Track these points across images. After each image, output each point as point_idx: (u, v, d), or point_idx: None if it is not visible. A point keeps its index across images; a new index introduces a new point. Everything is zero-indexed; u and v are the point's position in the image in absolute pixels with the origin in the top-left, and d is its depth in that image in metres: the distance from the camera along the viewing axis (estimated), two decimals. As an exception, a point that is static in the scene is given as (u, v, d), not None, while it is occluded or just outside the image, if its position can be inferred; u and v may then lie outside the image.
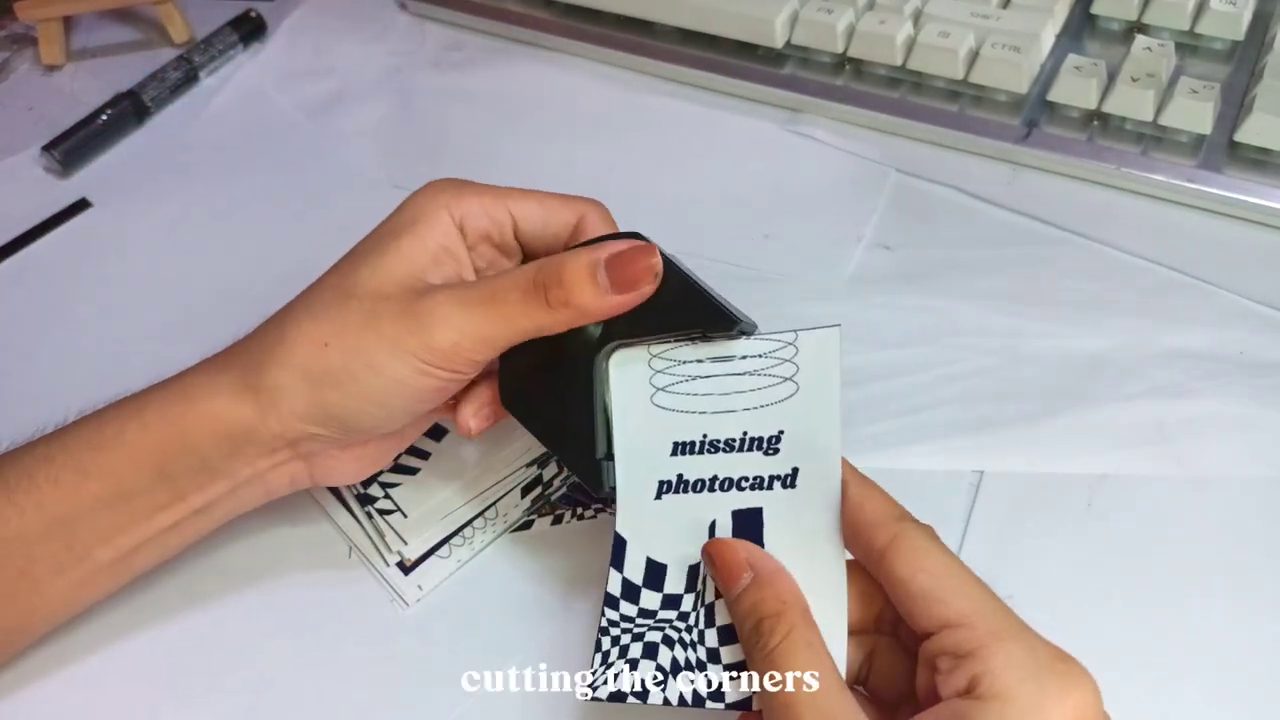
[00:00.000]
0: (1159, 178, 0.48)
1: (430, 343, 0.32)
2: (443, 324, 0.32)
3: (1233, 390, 0.42)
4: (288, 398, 0.33)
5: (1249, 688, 0.35)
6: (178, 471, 0.34)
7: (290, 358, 0.33)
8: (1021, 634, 0.27)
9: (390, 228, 0.35)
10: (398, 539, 0.39)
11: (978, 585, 0.28)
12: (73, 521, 0.34)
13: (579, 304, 0.32)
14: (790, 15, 0.55)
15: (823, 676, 0.27)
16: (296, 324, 0.34)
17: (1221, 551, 0.38)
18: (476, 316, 0.32)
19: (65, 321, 0.51)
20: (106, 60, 0.65)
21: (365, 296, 0.33)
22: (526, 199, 0.36)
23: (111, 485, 0.34)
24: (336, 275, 0.35)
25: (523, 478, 0.41)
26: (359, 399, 0.33)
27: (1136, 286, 0.46)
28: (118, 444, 0.34)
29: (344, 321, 0.33)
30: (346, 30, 0.65)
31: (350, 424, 0.34)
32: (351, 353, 0.33)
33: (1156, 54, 0.51)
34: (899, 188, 0.52)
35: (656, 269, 0.32)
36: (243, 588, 0.40)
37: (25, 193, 0.57)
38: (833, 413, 0.32)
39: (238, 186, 0.56)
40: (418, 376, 0.33)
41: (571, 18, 0.60)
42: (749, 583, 0.30)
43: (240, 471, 0.35)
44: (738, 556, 0.30)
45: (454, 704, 0.36)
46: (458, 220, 0.35)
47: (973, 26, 0.52)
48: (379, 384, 0.33)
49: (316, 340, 0.33)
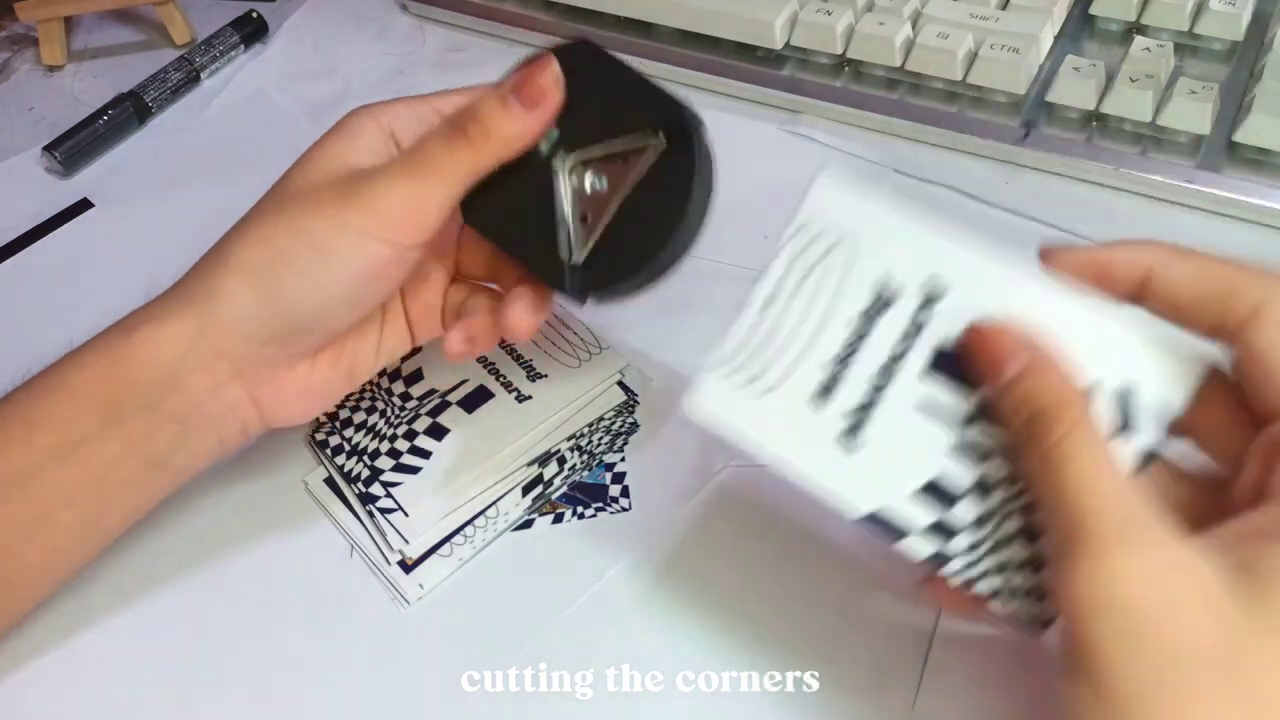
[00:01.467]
0: (1158, 178, 0.48)
1: (369, 210, 0.33)
2: (379, 193, 0.33)
3: (1231, 390, 0.42)
4: (228, 302, 0.33)
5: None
6: (124, 412, 0.33)
7: (231, 261, 0.33)
8: None
9: (320, 140, 0.36)
10: (399, 537, 0.40)
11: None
12: (27, 479, 0.33)
13: (499, 132, 0.33)
14: (790, 17, 0.55)
15: (1118, 469, 0.24)
16: (237, 233, 0.34)
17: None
18: (411, 177, 0.33)
19: (65, 321, 0.51)
20: (107, 61, 0.65)
21: (302, 192, 0.34)
22: (449, 95, 0.37)
23: (59, 433, 0.33)
24: (273, 189, 0.35)
25: (523, 477, 0.41)
26: (302, 284, 0.33)
27: (1135, 287, 0.46)
28: (59, 389, 0.34)
29: (285, 215, 0.33)
30: (347, 31, 0.65)
31: (293, 316, 0.34)
32: (294, 237, 0.33)
33: (1155, 55, 0.51)
34: (898, 188, 0.52)
35: (556, 74, 0.34)
36: (243, 586, 0.40)
37: (26, 193, 0.57)
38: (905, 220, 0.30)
39: (238, 187, 0.55)
40: (363, 249, 0.33)
41: (571, 18, 0.60)
42: (1023, 367, 0.26)
43: (183, 407, 0.34)
44: (1005, 337, 0.26)
45: (454, 703, 0.36)
46: (385, 127, 0.36)
47: (971, 28, 0.52)
48: (325, 264, 0.33)
49: (257, 240, 0.33)
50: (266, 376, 0.35)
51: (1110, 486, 0.24)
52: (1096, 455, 0.24)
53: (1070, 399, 0.25)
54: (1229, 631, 0.22)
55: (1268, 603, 0.22)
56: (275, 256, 0.33)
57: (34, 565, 0.35)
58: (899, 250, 0.30)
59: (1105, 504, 0.23)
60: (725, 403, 0.31)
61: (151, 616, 0.39)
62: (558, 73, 0.34)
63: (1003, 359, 0.26)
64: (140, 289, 0.51)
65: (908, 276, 0.30)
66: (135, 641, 0.39)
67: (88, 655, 0.38)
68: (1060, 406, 0.25)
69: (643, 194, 0.35)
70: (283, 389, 0.36)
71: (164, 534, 0.40)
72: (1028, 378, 0.26)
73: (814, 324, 0.31)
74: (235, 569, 0.40)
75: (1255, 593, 0.22)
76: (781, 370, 0.31)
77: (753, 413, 0.31)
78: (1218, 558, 0.23)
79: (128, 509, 0.36)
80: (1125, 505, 0.23)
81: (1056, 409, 0.25)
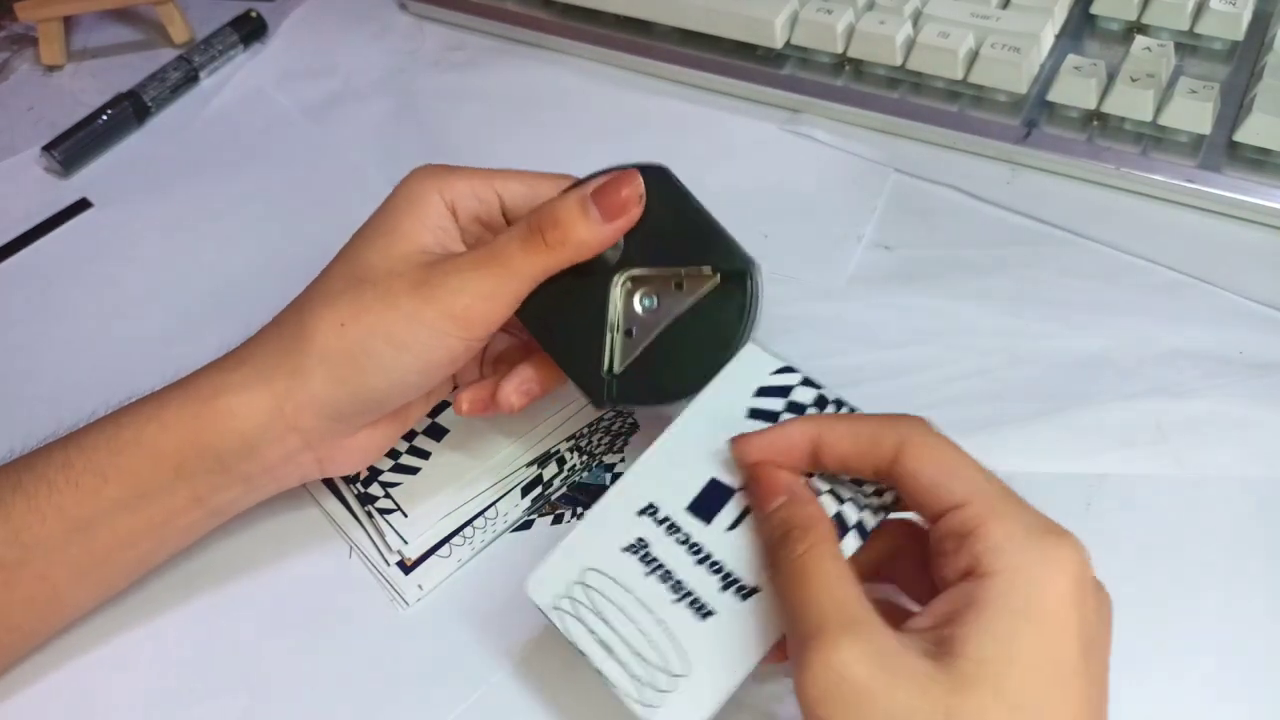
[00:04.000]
0: (1158, 178, 0.48)
1: (445, 309, 0.34)
2: (454, 289, 0.34)
3: (1232, 390, 0.42)
4: (305, 385, 0.34)
5: (1249, 687, 0.35)
6: (195, 472, 0.35)
7: (309, 345, 0.34)
8: (1015, 510, 0.28)
9: (387, 213, 0.36)
10: (398, 538, 0.39)
11: (976, 469, 0.29)
12: (92, 525, 0.34)
13: (576, 238, 0.34)
14: (790, 15, 0.55)
15: (851, 580, 0.28)
16: (313, 312, 0.35)
17: (1220, 551, 0.38)
18: (485, 275, 0.34)
19: (65, 321, 0.51)
20: (107, 60, 0.65)
21: (377, 278, 0.34)
22: (511, 178, 0.37)
23: (130, 488, 0.34)
24: (344, 264, 0.36)
25: (523, 477, 0.41)
26: (378, 374, 0.34)
27: (1136, 286, 0.46)
28: (136, 446, 0.35)
29: (360, 303, 0.34)
30: (347, 30, 0.65)
31: (366, 403, 0.35)
32: (370, 329, 0.34)
33: (1156, 54, 0.51)
34: (899, 188, 0.52)
35: (640, 192, 0.35)
36: (243, 587, 0.40)
37: (25, 193, 0.57)
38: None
39: (238, 186, 0.56)
40: (437, 344, 0.34)
41: (571, 18, 0.60)
42: (785, 501, 0.31)
43: (255, 470, 0.35)
44: (779, 478, 0.32)
45: (454, 704, 0.36)
46: (449, 203, 0.37)
47: (972, 27, 0.52)
48: (399, 356, 0.34)
49: (334, 323, 0.34)
50: (333, 443, 0.36)
51: (845, 591, 0.28)
52: (835, 566, 0.29)
53: (817, 523, 0.30)
54: (939, 693, 0.26)
55: (965, 664, 0.26)
56: (352, 346, 0.34)
57: (77, 600, 0.37)
58: (608, 539, 0.34)
59: (840, 605, 0.28)
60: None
61: (150, 616, 0.39)
62: (641, 189, 0.35)
63: (775, 491, 0.31)
64: (140, 288, 0.52)
65: (636, 530, 0.34)
66: (134, 641, 0.39)
67: (86, 656, 0.38)
68: (807, 528, 0.30)
69: (690, 322, 0.36)
70: (346, 449, 0.37)
71: (163, 534, 0.40)
72: (786, 507, 0.31)
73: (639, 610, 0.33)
74: (234, 570, 0.40)
75: (952, 660, 0.26)
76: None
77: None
78: (920, 640, 0.27)
79: (179, 547, 0.38)
80: (853, 606, 0.28)
81: (804, 529, 0.30)
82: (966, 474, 0.29)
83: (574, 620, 0.33)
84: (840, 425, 0.31)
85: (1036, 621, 0.26)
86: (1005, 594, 0.27)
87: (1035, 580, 0.27)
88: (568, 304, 0.36)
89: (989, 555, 0.27)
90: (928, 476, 0.29)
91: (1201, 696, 0.35)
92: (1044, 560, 0.27)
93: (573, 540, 0.34)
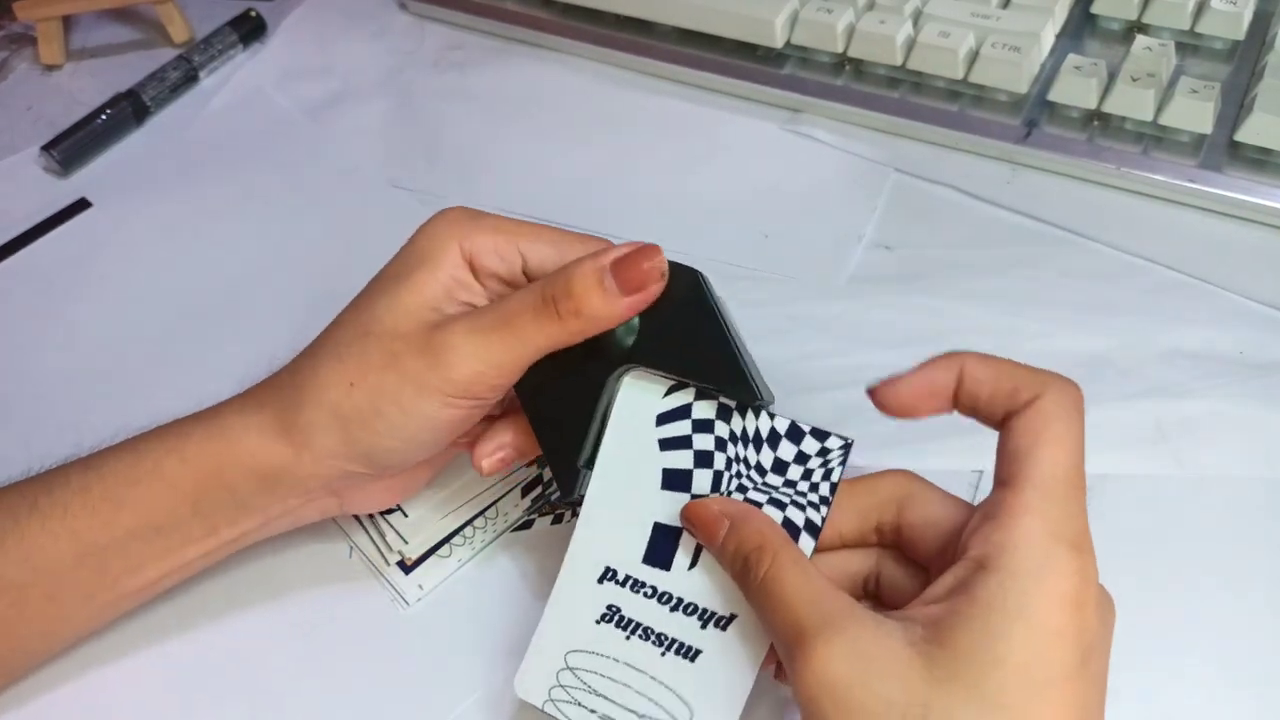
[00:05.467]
0: (1159, 177, 0.48)
1: (451, 377, 0.32)
2: (461, 357, 0.32)
3: (1232, 390, 0.42)
4: (320, 438, 0.34)
5: (1249, 687, 0.35)
6: (213, 507, 0.35)
7: (321, 397, 0.34)
8: (1054, 511, 0.28)
9: (404, 261, 0.35)
10: (398, 538, 0.39)
11: (1063, 458, 0.28)
12: (104, 551, 0.34)
13: (589, 312, 0.32)
14: (790, 15, 0.55)
15: (816, 579, 0.29)
16: (324, 364, 0.34)
17: (1220, 551, 0.38)
18: (492, 342, 0.33)
19: (65, 321, 0.51)
20: (106, 60, 0.65)
21: (383, 334, 0.33)
22: (538, 239, 0.35)
23: (145, 518, 0.34)
24: (355, 311, 0.35)
25: (523, 477, 0.41)
26: (387, 436, 0.33)
27: (1136, 286, 0.46)
28: (155, 478, 0.34)
29: (366, 361, 0.33)
30: (346, 30, 0.65)
31: (380, 460, 0.34)
32: (376, 392, 0.33)
33: (1156, 54, 0.51)
34: (899, 188, 0.52)
35: (662, 268, 0.33)
36: (242, 587, 0.40)
37: (25, 193, 0.57)
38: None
39: (238, 186, 0.56)
40: (442, 410, 0.33)
41: (571, 18, 0.60)
42: (728, 528, 0.31)
43: (273, 508, 0.35)
44: (711, 510, 0.32)
45: (454, 704, 0.36)
46: (468, 255, 0.35)
47: (972, 26, 0.52)
48: (405, 420, 0.33)
49: (343, 381, 0.33)
50: (355, 488, 0.36)
51: (814, 592, 0.28)
52: (799, 572, 0.29)
53: (768, 538, 0.30)
54: (917, 684, 0.26)
55: (949, 656, 0.26)
56: (361, 407, 0.33)
57: (84, 622, 0.37)
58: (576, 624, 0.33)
59: (811, 608, 0.28)
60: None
61: (150, 616, 0.39)
62: (663, 266, 0.33)
63: (716, 523, 0.31)
64: (140, 288, 0.52)
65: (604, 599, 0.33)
66: (133, 641, 0.39)
67: (86, 656, 0.38)
68: (761, 548, 0.30)
69: None
70: (369, 492, 0.37)
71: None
72: (732, 535, 0.31)
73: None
74: (233, 570, 0.40)
75: (938, 650, 0.26)
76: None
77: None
78: (906, 628, 0.27)
79: (186, 572, 0.37)
80: (827, 603, 0.28)
81: (758, 551, 0.30)
82: (1046, 457, 0.28)
83: (573, 706, 0.32)
84: (985, 367, 0.30)
85: (1031, 625, 0.26)
86: (1002, 594, 0.27)
87: (1035, 586, 0.27)
88: (564, 384, 0.35)
89: (1000, 550, 0.27)
90: (1020, 445, 0.28)
91: (1202, 696, 0.35)
92: (1048, 568, 0.27)
93: (544, 630, 0.33)
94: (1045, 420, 0.29)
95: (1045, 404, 0.29)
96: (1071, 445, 0.29)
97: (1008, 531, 0.27)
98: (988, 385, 0.30)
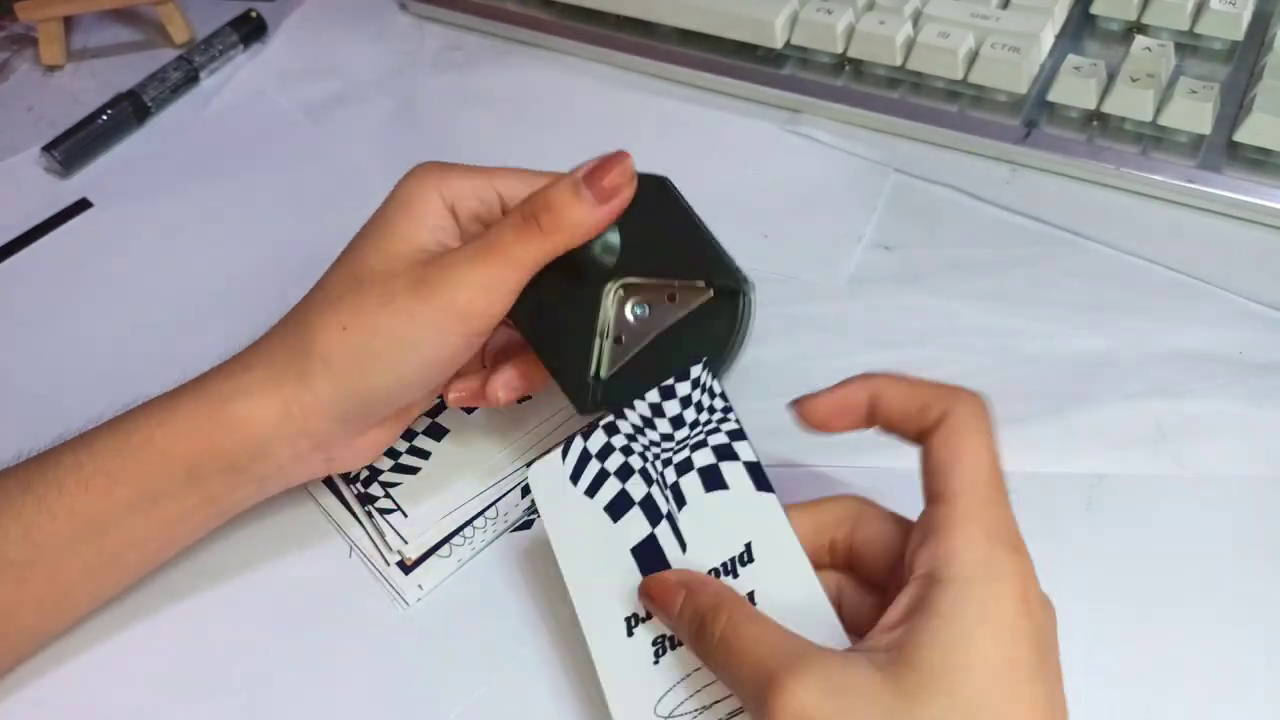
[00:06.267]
0: (1158, 178, 0.48)
1: (445, 304, 0.34)
2: (453, 284, 0.34)
3: (1232, 390, 0.42)
4: (311, 390, 0.34)
5: (1248, 688, 0.35)
6: (208, 474, 0.35)
7: (313, 349, 0.34)
8: (988, 515, 0.29)
9: (386, 213, 0.36)
10: (398, 538, 0.39)
11: (980, 464, 0.29)
12: (103, 526, 0.35)
13: (570, 221, 0.34)
14: (790, 16, 0.55)
15: (774, 627, 0.29)
16: (315, 316, 0.35)
17: (1220, 551, 0.38)
18: (480, 267, 0.34)
19: (65, 321, 0.51)
20: (107, 60, 0.65)
21: (376, 279, 0.34)
22: (510, 176, 0.37)
23: (141, 489, 0.35)
24: (343, 265, 0.36)
25: (523, 478, 0.41)
26: (382, 375, 0.34)
27: (1136, 286, 0.46)
28: (147, 449, 0.35)
29: (361, 304, 0.34)
30: (346, 30, 0.65)
31: (372, 404, 0.35)
32: (371, 331, 0.34)
33: (1156, 54, 0.51)
34: (899, 188, 0.52)
35: (630, 172, 0.35)
36: (242, 587, 0.40)
37: (25, 193, 0.57)
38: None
39: (238, 186, 0.56)
40: (438, 341, 0.34)
41: (571, 18, 0.60)
42: (684, 597, 0.31)
43: (267, 470, 0.36)
44: (669, 582, 0.32)
45: (454, 704, 0.36)
46: (449, 202, 0.36)
47: (972, 27, 0.52)
48: (401, 356, 0.34)
49: (335, 326, 0.34)
50: (342, 443, 0.36)
51: (774, 638, 0.29)
52: (756, 623, 0.29)
53: (722, 599, 0.30)
54: (892, 705, 0.26)
55: (918, 674, 0.26)
56: (355, 349, 0.34)
57: (87, 598, 0.37)
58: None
59: (773, 651, 0.28)
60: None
61: (150, 616, 0.39)
62: (631, 169, 0.35)
63: (672, 598, 0.31)
64: (140, 288, 0.52)
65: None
66: (134, 641, 0.39)
67: (86, 655, 0.38)
68: (716, 607, 0.30)
69: (680, 334, 0.36)
70: (354, 447, 0.37)
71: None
72: (688, 601, 0.31)
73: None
74: (234, 571, 0.40)
75: (906, 670, 0.26)
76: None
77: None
78: (870, 657, 0.27)
79: (185, 545, 0.38)
80: (789, 645, 0.28)
81: (714, 610, 0.30)
82: (968, 467, 0.29)
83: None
84: (895, 387, 0.32)
85: (993, 628, 0.27)
86: (961, 601, 0.27)
87: (988, 590, 0.27)
88: (559, 307, 0.36)
89: (946, 562, 0.28)
90: (941, 460, 0.30)
91: (1201, 696, 0.35)
92: (994, 574, 0.27)
93: (619, 712, 0.33)
94: (959, 434, 0.30)
95: (956, 419, 0.30)
96: (989, 454, 0.30)
97: (950, 542, 0.28)
98: (899, 404, 0.31)
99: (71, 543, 0.34)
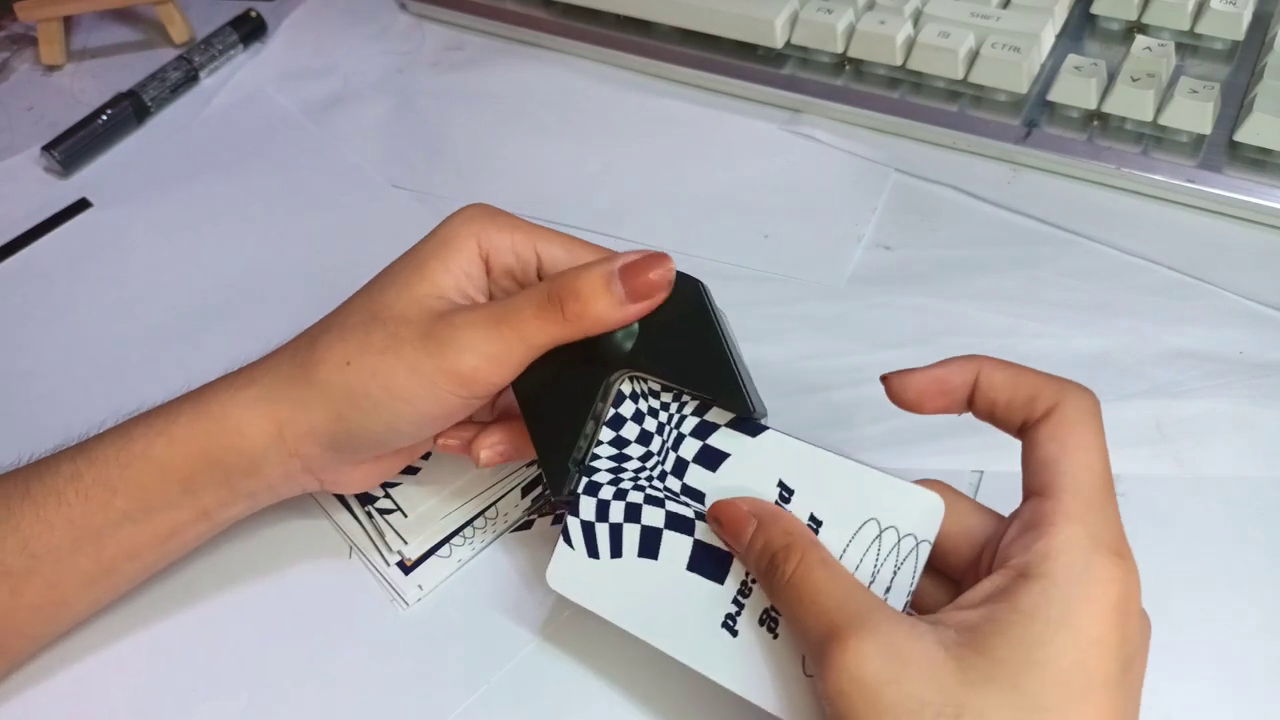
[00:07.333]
0: (1159, 178, 0.48)
1: (447, 366, 0.33)
2: (460, 347, 0.33)
3: (1231, 390, 0.42)
4: (305, 415, 0.34)
5: (1248, 687, 0.35)
6: (203, 487, 0.35)
7: (313, 376, 0.34)
8: (1094, 517, 0.28)
9: (421, 251, 0.35)
10: (398, 538, 0.39)
11: (1091, 464, 0.28)
12: (100, 536, 0.35)
13: (594, 315, 0.33)
14: (790, 15, 0.55)
15: (846, 578, 0.29)
16: (324, 342, 0.34)
17: (1220, 551, 0.38)
18: (493, 336, 0.33)
19: (65, 321, 0.51)
20: (106, 60, 0.65)
21: (389, 319, 0.34)
22: (554, 240, 0.36)
23: (138, 501, 0.35)
24: (365, 297, 0.35)
25: (523, 477, 0.41)
26: (373, 419, 0.34)
27: (1136, 286, 0.46)
28: (145, 460, 0.35)
29: (367, 342, 0.33)
30: (346, 30, 0.65)
31: (362, 442, 0.35)
32: (370, 373, 0.33)
33: (1156, 54, 0.51)
34: (899, 188, 0.52)
35: (669, 277, 0.33)
36: (242, 587, 0.40)
37: (25, 193, 0.57)
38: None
39: (238, 186, 0.56)
40: (434, 399, 0.33)
41: (571, 18, 0.60)
42: (755, 528, 0.31)
43: (258, 487, 0.36)
44: (739, 510, 0.31)
45: (454, 704, 0.36)
46: (484, 252, 0.35)
47: (972, 27, 0.52)
48: (394, 405, 0.33)
49: (340, 359, 0.34)
50: (333, 469, 0.36)
51: (843, 590, 0.28)
52: (827, 571, 0.29)
53: (795, 538, 0.30)
54: (951, 686, 0.26)
55: (985, 661, 0.26)
56: (351, 386, 0.33)
57: (84, 605, 0.37)
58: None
59: (841, 605, 0.28)
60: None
61: (150, 616, 0.39)
62: (671, 275, 0.33)
63: (741, 525, 0.31)
64: (140, 288, 0.52)
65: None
66: (134, 641, 0.39)
67: (86, 656, 0.38)
68: (789, 546, 0.30)
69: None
70: (348, 474, 0.37)
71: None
72: (760, 533, 0.31)
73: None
74: (234, 571, 0.40)
75: (972, 654, 0.26)
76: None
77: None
78: (938, 631, 0.27)
79: (182, 555, 0.38)
80: (857, 602, 0.28)
81: (786, 549, 0.30)
82: (1077, 464, 0.28)
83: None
84: (1002, 372, 0.30)
85: (1073, 632, 0.26)
86: (1046, 601, 0.26)
87: (1078, 593, 0.26)
88: (560, 383, 0.35)
89: (1041, 558, 0.27)
90: (1048, 454, 0.29)
91: (1202, 696, 0.35)
92: (1092, 576, 0.27)
93: (767, 702, 0.31)
94: (1070, 428, 0.29)
95: (1067, 412, 0.29)
96: (1099, 453, 0.29)
97: (1050, 539, 0.27)
98: (1005, 391, 0.30)
99: (69, 553, 0.34)
